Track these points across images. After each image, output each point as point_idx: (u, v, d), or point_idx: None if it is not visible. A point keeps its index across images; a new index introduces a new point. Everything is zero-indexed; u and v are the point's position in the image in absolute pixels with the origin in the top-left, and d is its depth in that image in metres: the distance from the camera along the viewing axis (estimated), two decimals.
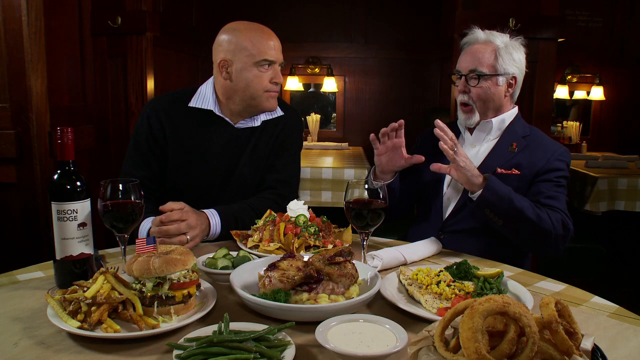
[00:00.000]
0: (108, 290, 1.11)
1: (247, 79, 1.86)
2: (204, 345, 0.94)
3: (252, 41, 1.83)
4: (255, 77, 1.85)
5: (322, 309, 1.13)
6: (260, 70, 1.85)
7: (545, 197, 1.79)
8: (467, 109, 1.95)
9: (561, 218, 1.75)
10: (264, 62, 1.84)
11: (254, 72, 1.85)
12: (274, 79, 1.88)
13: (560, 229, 1.73)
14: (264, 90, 1.88)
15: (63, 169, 1.29)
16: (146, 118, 1.94)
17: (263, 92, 1.88)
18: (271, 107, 1.94)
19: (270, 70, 1.87)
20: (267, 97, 1.90)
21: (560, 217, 1.75)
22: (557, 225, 1.73)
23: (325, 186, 3.72)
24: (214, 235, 1.75)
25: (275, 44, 1.88)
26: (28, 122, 2.53)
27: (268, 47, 1.84)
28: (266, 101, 1.91)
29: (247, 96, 1.88)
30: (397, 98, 5.69)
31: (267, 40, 1.85)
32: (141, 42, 3.27)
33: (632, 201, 3.72)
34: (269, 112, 2.01)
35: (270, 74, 1.87)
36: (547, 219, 1.71)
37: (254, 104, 1.90)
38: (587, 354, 0.83)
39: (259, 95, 1.88)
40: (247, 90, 1.87)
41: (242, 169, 1.97)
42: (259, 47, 1.83)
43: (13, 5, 2.45)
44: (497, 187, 1.70)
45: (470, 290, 1.26)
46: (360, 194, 1.44)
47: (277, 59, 1.88)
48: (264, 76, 1.86)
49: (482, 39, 1.94)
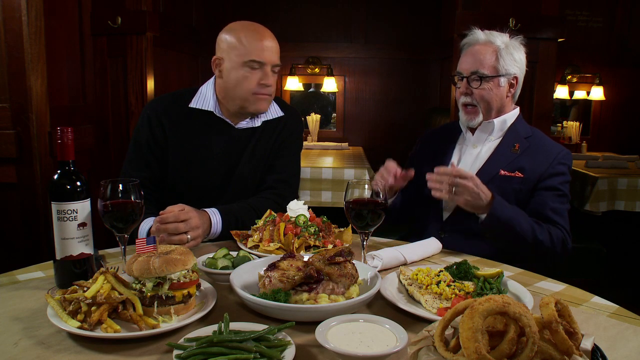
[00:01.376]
0: (108, 290, 1.11)
1: (236, 78, 1.85)
2: (204, 345, 0.94)
3: (243, 41, 1.82)
4: (244, 78, 1.83)
5: (322, 309, 1.13)
6: (248, 71, 1.83)
7: (549, 209, 1.82)
8: (471, 110, 1.94)
9: (562, 237, 1.79)
10: (252, 63, 1.82)
11: (241, 72, 1.83)
12: (262, 80, 1.84)
13: (559, 248, 1.77)
14: (251, 91, 1.85)
15: (63, 169, 1.29)
16: (147, 119, 1.94)
17: (250, 93, 1.85)
18: (260, 110, 1.91)
19: (260, 72, 1.84)
20: (255, 99, 1.87)
21: (561, 236, 1.78)
22: (557, 245, 1.77)
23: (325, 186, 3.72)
24: (215, 235, 1.75)
25: (269, 46, 1.84)
26: (28, 122, 2.53)
27: (258, 47, 1.81)
28: (254, 103, 1.88)
29: (236, 96, 1.88)
30: (397, 98, 5.70)
31: (259, 41, 1.82)
32: (141, 42, 3.27)
33: (632, 201, 3.72)
34: (268, 113, 2.01)
35: (259, 75, 1.84)
36: (547, 240, 1.75)
37: (243, 105, 1.89)
38: (587, 354, 0.83)
39: (246, 96, 1.86)
40: (235, 90, 1.87)
41: (242, 169, 1.97)
42: (248, 47, 1.81)
43: (13, 5, 2.45)
44: (500, 212, 1.69)
45: (470, 290, 1.26)
46: (360, 194, 1.44)
47: (267, 61, 1.83)
48: (251, 77, 1.83)
49: (482, 39, 1.93)
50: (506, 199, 1.86)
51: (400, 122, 5.70)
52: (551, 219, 1.81)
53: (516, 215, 1.72)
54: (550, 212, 1.81)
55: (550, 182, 1.85)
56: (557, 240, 1.77)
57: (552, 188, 1.84)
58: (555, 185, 1.85)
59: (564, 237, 1.79)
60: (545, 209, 1.82)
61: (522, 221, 1.73)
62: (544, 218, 1.81)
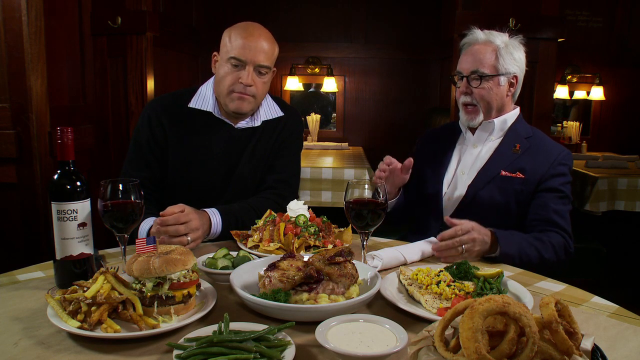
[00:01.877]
0: (108, 290, 1.11)
1: (220, 74, 1.86)
2: (204, 345, 0.94)
3: (231, 38, 1.83)
4: (225, 74, 1.84)
5: (322, 309, 1.13)
6: (230, 68, 1.82)
7: (552, 211, 1.81)
8: (471, 109, 1.94)
9: (564, 244, 1.78)
10: (233, 60, 1.81)
11: (224, 69, 1.84)
12: (241, 79, 1.82)
13: (562, 256, 1.77)
14: (228, 88, 1.84)
15: (63, 169, 1.29)
16: (147, 119, 1.94)
17: (228, 90, 1.84)
18: (238, 109, 1.87)
19: (241, 71, 1.82)
20: (233, 98, 1.85)
21: (563, 243, 1.78)
22: (560, 254, 1.77)
23: (325, 186, 3.72)
24: (215, 235, 1.75)
25: (255, 45, 1.81)
26: (28, 122, 2.53)
27: (242, 45, 1.80)
28: (231, 101, 1.86)
29: (219, 92, 1.88)
30: (397, 98, 5.70)
31: (245, 40, 1.81)
32: (141, 42, 3.27)
33: (632, 201, 3.72)
34: (268, 113, 2.00)
35: (239, 74, 1.82)
36: (552, 256, 1.74)
37: (224, 102, 1.88)
38: (587, 354, 0.83)
39: (224, 93, 1.86)
40: (218, 86, 1.88)
41: (242, 169, 1.97)
42: (233, 44, 1.82)
43: (13, 5, 2.45)
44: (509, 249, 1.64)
45: (470, 290, 1.26)
46: (360, 194, 1.44)
47: (248, 60, 1.81)
48: (232, 75, 1.83)
49: (482, 39, 1.94)
50: (506, 199, 1.87)
51: (400, 122, 5.70)
52: (553, 221, 1.80)
53: (520, 245, 1.68)
54: (553, 214, 1.81)
55: (551, 183, 1.85)
56: (559, 249, 1.76)
57: (554, 189, 1.84)
58: (557, 186, 1.85)
59: (565, 242, 1.79)
60: (548, 212, 1.81)
61: (527, 248, 1.69)
62: (547, 220, 1.81)
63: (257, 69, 1.84)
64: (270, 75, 1.91)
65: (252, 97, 1.86)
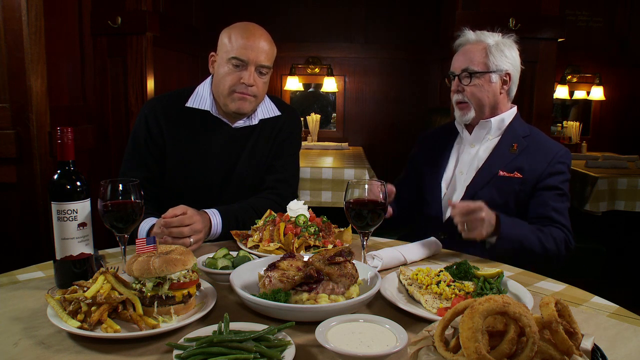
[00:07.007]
0: (108, 290, 1.11)
1: (220, 74, 1.85)
2: (204, 345, 0.94)
3: (232, 38, 1.82)
4: (226, 74, 1.83)
5: (322, 309, 1.13)
6: (231, 68, 1.82)
7: (552, 209, 1.82)
8: (463, 106, 1.96)
9: (564, 238, 1.79)
10: (235, 60, 1.81)
11: (225, 69, 1.83)
12: (243, 79, 1.82)
13: (563, 250, 1.79)
14: (230, 89, 1.84)
15: (63, 169, 1.29)
16: (144, 119, 1.93)
17: (229, 90, 1.84)
18: (240, 109, 1.87)
19: (242, 71, 1.82)
20: (234, 98, 1.85)
21: (563, 237, 1.79)
22: (561, 248, 1.78)
23: (325, 186, 3.72)
24: (215, 235, 1.75)
25: (255, 45, 1.81)
26: (28, 122, 2.53)
27: (243, 46, 1.80)
28: (232, 102, 1.86)
29: (219, 93, 1.88)
30: (397, 98, 5.69)
31: (246, 40, 1.81)
32: (141, 42, 3.28)
33: (632, 201, 3.72)
34: (265, 111, 2.00)
35: (241, 74, 1.82)
36: (553, 247, 1.75)
37: (225, 103, 1.88)
38: (587, 354, 0.83)
39: (225, 93, 1.85)
40: (219, 85, 1.87)
41: (241, 168, 1.97)
42: (234, 44, 1.81)
43: (13, 5, 2.45)
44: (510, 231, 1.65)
45: (470, 290, 1.26)
46: (360, 194, 1.44)
47: (250, 60, 1.81)
48: (233, 75, 1.82)
49: (473, 39, 1.97)
50: (505, 199, 1.87)
51: (400, 122, 5.70)
52: (554, 219, 1.81)
53: (522, 230, 1.70)
54: (553, 212, 1.82)
55: (550, 181, 1.85)
56: (560, 243, 1.77)
57: (553, 187, 1.85)
58: (556, 184, 1.85)
59: (566, 237, 1.80)
60: (548, 210, 1.82)
61: (529, 234, 1.71)
62: (547, 218, 1.81)
63: (258, 69, 1.84)
64: (269, 75, 1.91)
65: (253, 97, 1.87)
